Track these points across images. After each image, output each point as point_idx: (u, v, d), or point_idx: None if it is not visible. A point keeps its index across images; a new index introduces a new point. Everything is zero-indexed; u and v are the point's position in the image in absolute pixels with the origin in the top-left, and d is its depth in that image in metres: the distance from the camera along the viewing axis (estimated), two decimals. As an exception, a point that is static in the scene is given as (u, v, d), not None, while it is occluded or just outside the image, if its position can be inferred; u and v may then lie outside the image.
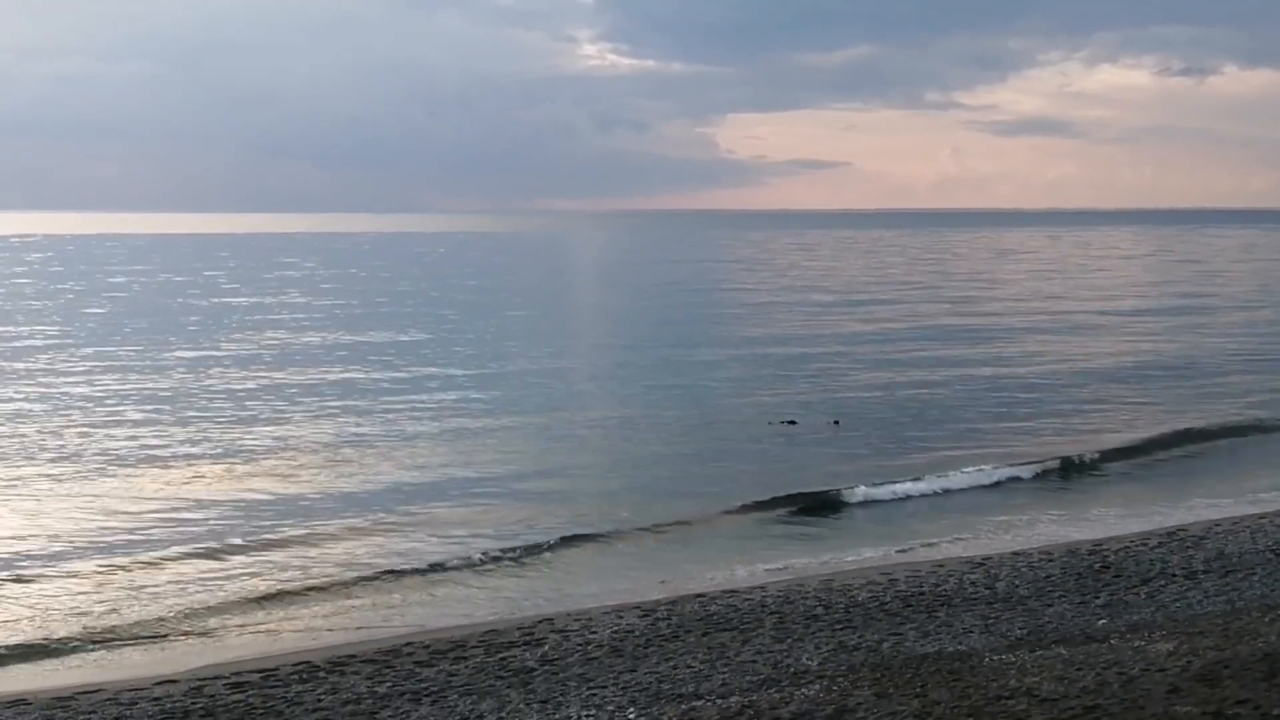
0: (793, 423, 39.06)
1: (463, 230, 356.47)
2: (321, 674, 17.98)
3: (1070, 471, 32.90)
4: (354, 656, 18.81)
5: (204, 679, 17.83)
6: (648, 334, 66.08)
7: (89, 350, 57.97)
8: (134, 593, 22.68)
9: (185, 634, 20.78)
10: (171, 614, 21.60)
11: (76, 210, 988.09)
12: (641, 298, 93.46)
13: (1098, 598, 20.58)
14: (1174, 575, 21.80)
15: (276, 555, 25.24)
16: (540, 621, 20.45)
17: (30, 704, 17.07)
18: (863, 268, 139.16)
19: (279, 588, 23.15)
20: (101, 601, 22.19)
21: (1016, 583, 21.72)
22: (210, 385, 46.99)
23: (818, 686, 16.19)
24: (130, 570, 23.99)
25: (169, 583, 23.32)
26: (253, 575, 23.88)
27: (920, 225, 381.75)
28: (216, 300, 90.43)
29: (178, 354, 57.03)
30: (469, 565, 24.51)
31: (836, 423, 39.18)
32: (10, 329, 68.13)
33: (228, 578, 23.69)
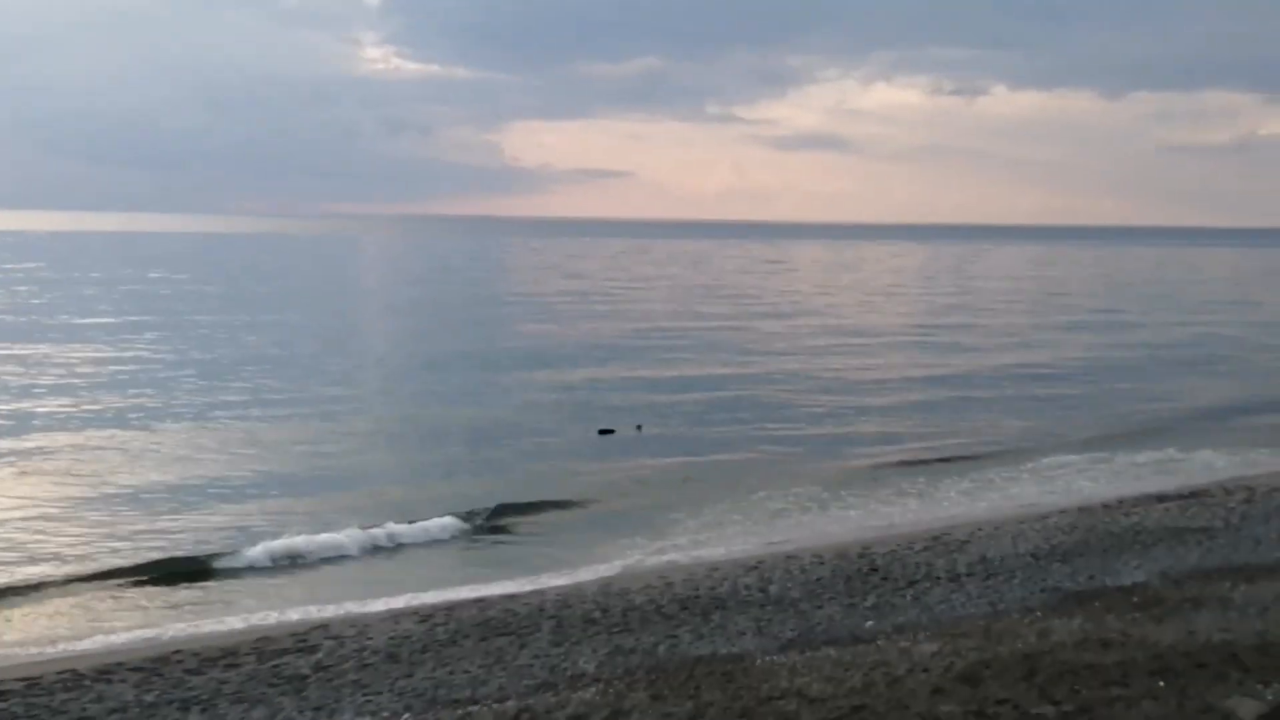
0: (610, 431, 39.28)
1: (250, 231, 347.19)
2: (87, 682, 17.38)
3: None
4: (121, 664, 18.22)
5: (-41, 689, 17.10)
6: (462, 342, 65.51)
7: None
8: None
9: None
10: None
11: None
12: (456, 309, 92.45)
13: (866, 600, 21.12)
14: (939, 578, 22.50)
15: (37, 561, 24.41)
16: (315, 628, 20.11)
17: None
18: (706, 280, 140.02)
19: (40, 594, 22.41)
20: None
21: (789, 585, 22.15)
22: None
23: (594, 689, 16.31)
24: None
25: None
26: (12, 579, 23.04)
27: (714, 236, 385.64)
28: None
29: None
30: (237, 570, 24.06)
31: (639, 428, 39.46)
32: None
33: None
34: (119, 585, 23.26)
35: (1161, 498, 29.65)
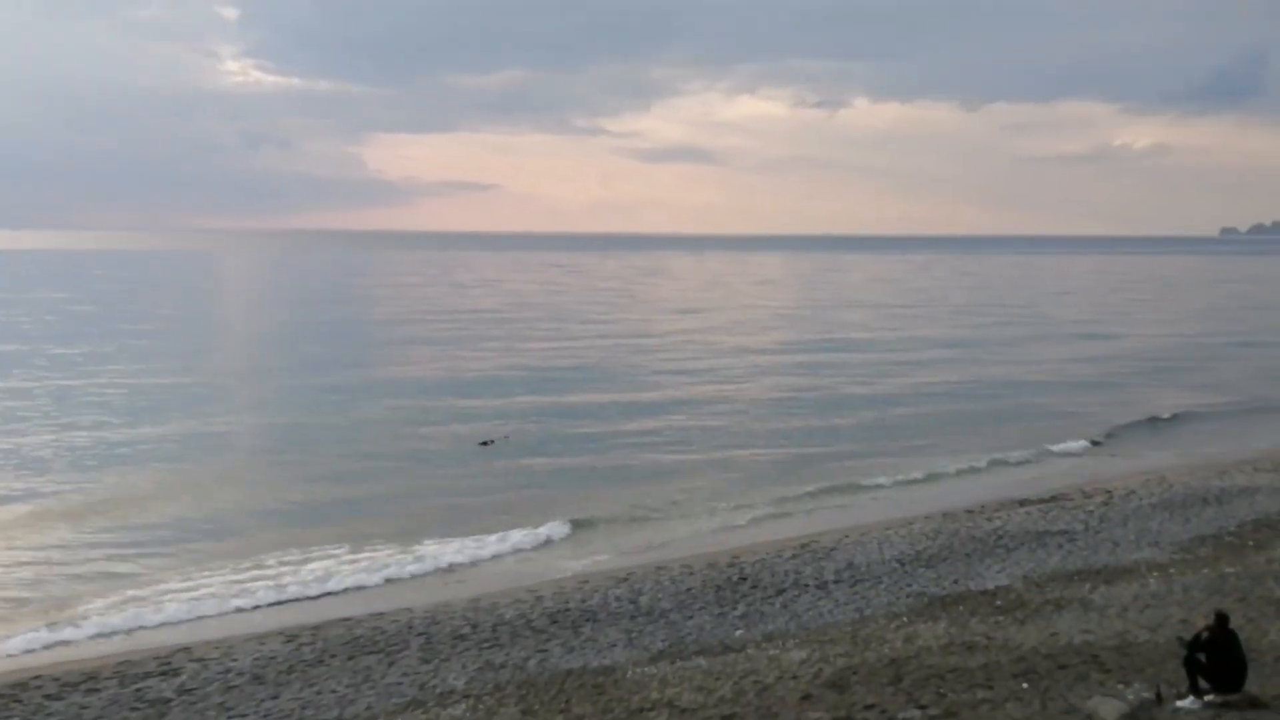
0: (489, 443, 39.40)
1: (110, 248, 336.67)
2: (-61, 712, 16.87)
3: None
4: (-23, 692, 17.72)
5: None
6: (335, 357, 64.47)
7: None
8: None
9: None
10: None
11: None
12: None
13: (736, 609, 21.23)
14: (807, 585, 22.69)
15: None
16: (178, 651, 19.70)
17: None
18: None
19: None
20: None
21: (659, 596, 22.19)
22: None
23: (464, 706, 16.19)
24: None
25: None
26: None
27: (583, 248, 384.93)
28: None
29: None
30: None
31: (507, 438, 39.55)
32: None
33: None
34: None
35: (1023, 502, 30.23)
